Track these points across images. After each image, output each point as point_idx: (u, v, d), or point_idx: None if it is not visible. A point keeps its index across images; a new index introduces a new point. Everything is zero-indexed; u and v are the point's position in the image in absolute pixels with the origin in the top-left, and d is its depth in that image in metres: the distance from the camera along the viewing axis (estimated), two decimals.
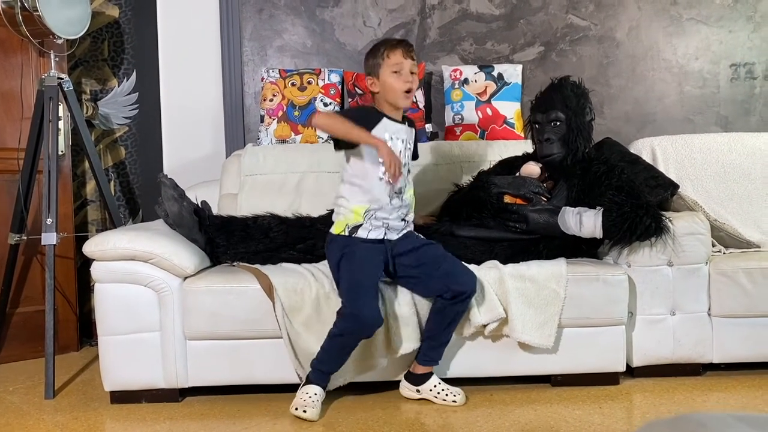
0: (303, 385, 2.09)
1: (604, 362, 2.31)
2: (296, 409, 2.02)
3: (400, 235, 2.18)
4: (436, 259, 2.16)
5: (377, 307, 2.05)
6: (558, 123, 2.45)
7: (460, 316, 2.16)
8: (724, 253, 2.51)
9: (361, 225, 2.12)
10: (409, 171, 2.23)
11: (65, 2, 2.67)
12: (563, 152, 2.45)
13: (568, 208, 2.37)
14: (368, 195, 2.12)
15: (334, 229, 2.16)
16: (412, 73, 2.14)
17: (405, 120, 2.23)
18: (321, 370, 2.09)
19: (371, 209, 2.12)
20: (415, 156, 2.32)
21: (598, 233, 2.30)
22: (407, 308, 2.16)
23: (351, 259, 2.08)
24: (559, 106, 2.45)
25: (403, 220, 2.20)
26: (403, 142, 2.18)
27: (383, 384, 2.26)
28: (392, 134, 2.14)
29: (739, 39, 3.24)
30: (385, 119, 2.14)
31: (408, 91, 2.13)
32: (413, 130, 2.26)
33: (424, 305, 2.18)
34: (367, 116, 2.12)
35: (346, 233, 2.13)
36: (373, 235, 2.13)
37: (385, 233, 2.14)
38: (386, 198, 2.13)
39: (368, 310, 2.01)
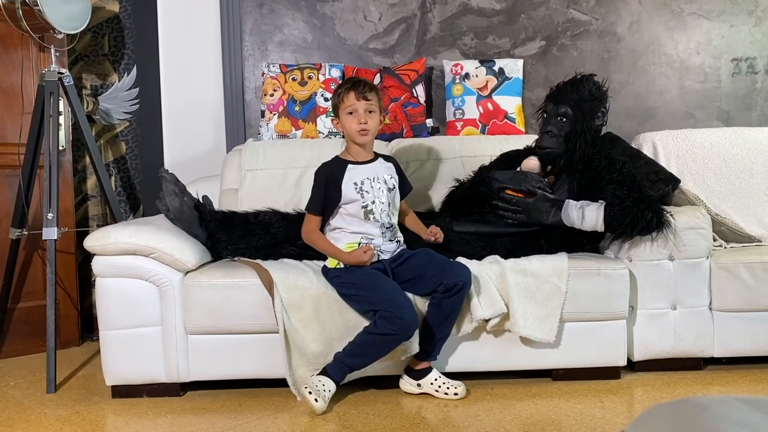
0: (321, 373, 2.09)
1: (605, 356, 2.32)
2: (310, 392, 2.02)
3: (394, 254, 2.24)
4: (427, 258, 2.20)
5: (414, 308, 2.08)
6: (564, 119, 2.44)
7: (458, 310, 2.16)
8: (725, 248, 2.51)
9: None
10: (393, 201, 2.29)
11: None
12: (561, 149, 2.44)
13: (571, 201, 2.37)
14: (358, 234, 2.20)
15: (329, 263, 2.21)
16: (370, 112, 2.22)
17: (377, 156, 2.31)
18: (346, 363, 2.09)
19: (362, 241, 2.19)
20: (406, 189, 2.37)
21: (600, 227, 2.30)
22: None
23: (363, 281, 2.10)
24: (570, 102, 2.43)
25: (395, 241, 2.26)
26: (379, 180, 2.24)
27: (384, 378, 2.26)
28: (364, 178, 2.21)
29: (740, 33, 3.23)
30: (349, 167, 2.23)
31: (362, 131, 2.21)
32: (391, 164, 2.33)
33: (425, 307, 2.19)
34: (326, 183, 2.22)
35: (341, 266, 2.18)
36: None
37: (379, 256, 2.21)
38: (377, 232, 2.21)
39: (409, 312, 2.04)
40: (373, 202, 2.21)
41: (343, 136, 2.35)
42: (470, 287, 2.16)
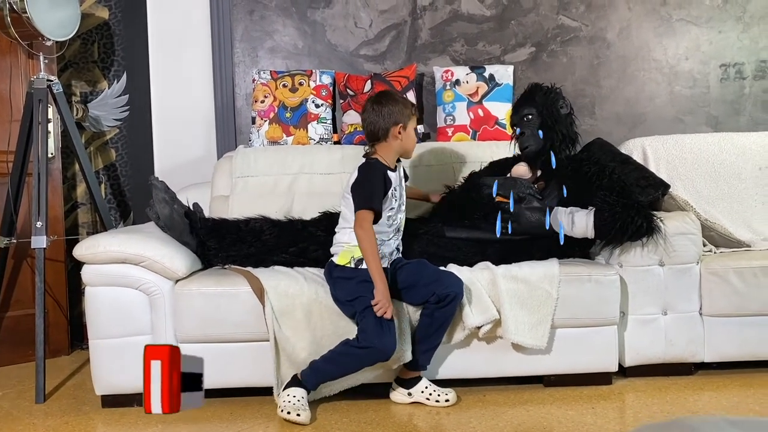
0: (286, 387, 2.08)
1: (596, 362, 2.32)
2: (288, 413, 2.01)
3: (392, 259, 2.25)
4: (420, 268, 2.20)
5: (395, 336, 2.07)
6: (530, 116, 2.50)
7: (449, 320, 2.16)
8: (714, 253, 2.52)
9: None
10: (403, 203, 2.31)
11: (54, 4, 2.65)
12: (540, 143, 2.47)
13: (560, 207, 2.38)
14: (376, 230, 2.16)
15: (339, 260, 2.18)
16: None
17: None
18: (321, 370, 2.08)
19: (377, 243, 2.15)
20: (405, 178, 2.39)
21: (590, 233, 2.31)
22: (405, 324, 2.16)
23: (369, 295, 2.06)
24: (528, 103, 2.52)
25: (397, 247, 2.27)
26: (401, 186, 2.28)
27: (375, 386, 2.25)
28: (396, 185, 2.23)
29: (728, 39, 3.25)
30: (389, 174, 2.21)
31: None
32: (401, 166, 2.34)
33: (417, 316, 2.18)
34: (383, 186, 2.17)
35: (352, 265, 2.15)
36: None
37: (387, 263, 2.21)
38: (391, 235, 2.22)
39: (392, 344, 2.04)
40: (395, 208, 2.22)
41: (372, 146, 2.24)
42: (462, 298, 2.16)
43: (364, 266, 2.12)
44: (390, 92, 2.34)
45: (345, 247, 2.17)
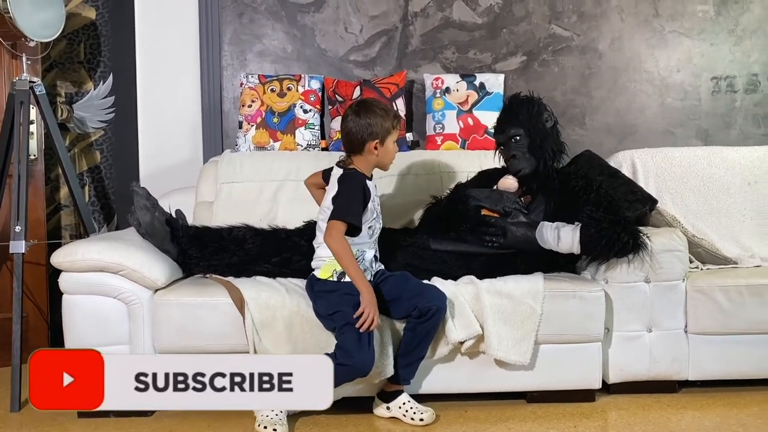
0: None
1: (580, 379, 2.30)
2: (265, 427, 1.98)
3: (374, 272, 2.21)
4: (403, 281, 2.17)
5: (374, 351, 2.03)
6: (518, 138, 2.46)
7: (432, 334, 2.14)
8: (701, 269, 2.51)
9: None
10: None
11: (38, 5, 2.61)
12: (533, 163, 2.45)
13: (546, 222, 2.36)
14: (355, 247, 2.12)
15: (321, 274, 2.13)
16: None
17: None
18: None
19: (357, 255, 2.12)
20: None
21: (576, 249, 2.29)
22: (387, 338, 2.13)
23: (349, 309, 2.03)
24: (513, 121, 2.47)
25: (375, 257, 2.23)
26: (377, 196, 2.23)
27: (357, 400, 2.22)
28: (374, 195, 2.18)
29: (720, 52, 3.24)
30: (368, 184, 2.16)
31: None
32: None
33: (401, 329, 2.16)
34: (362, 199, 2.12)
35: (335, 278, 2.11)
36: None
37: (370, 275, 2.17)
38: (371, 245, 2.18)
39: (370, 360, 2.00)
40: (375, 218, 2.18)
41: (348, 156, 2.19)
42: (445, 312, 2.13)
43: (346, 279, 2.09)
44: (371, 102, 2.21)
45: (327, 261, 2.13)
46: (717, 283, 2.35)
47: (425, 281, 2.25)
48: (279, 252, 2.39)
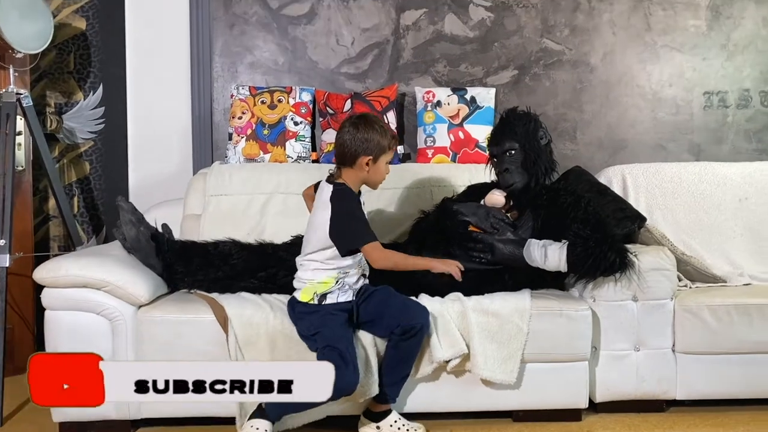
0: (251, 417, 2.03)
1: (566, 398, 2.29)
2: None
3: (358, 289, 2.18)
4: (386, 297, 2.15)
5: (358, 370, 2.01)
6: (513, 152, 2.44)
7: (416, 352, 2.12)
8: (690, 288, 2.49)
9: (330, 292, 2.10)
10: None
11: (26, 16, 2.60)
12: (525, 179, 2.43)
13: (533, 240, 2.34)
14: (338, 270, 2.11)
15: (301, 296, 2.11)
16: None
17: None
18: (282, 403, 2.02)
19: (340, 277, 2.11)
20: None
21: (563, 267, 2.27)
22: (372, 356, 2.12)
23: (330, 329, 2.02)
24: (509, 135, 2.45)
25: (363, 275, 2.20)
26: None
27: (343, 418, 2.20)
28: (365, 213, 2.17)
29: (712, 67, 3.23)
30: (360, 200, 2.16)
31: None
32: None
33: (384, 347, 2.14)
34: (364, 213, 2.14)
35: (315, 301, 2.09)
36: (342, 299, 2.11)
37: (352, 295, 2.14)
38: (354, 266, 2.14)
39: (353, 380, 1.98)
40: None
41: (339, 168, 2.16)
42: (429, 329, 2.12)
43: (328, 301, 2.08)
44: (371, 118, 2.17)
45: (307, 284, 2.11)
46: (705, 302, 2.33)
47: (411, 297, 2.24)
48: (265, 267, 2.38)
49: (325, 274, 2.10)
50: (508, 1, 3.19)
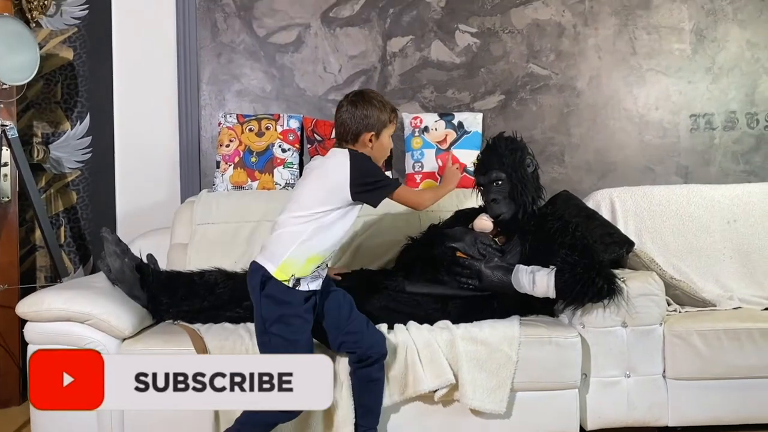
0: None
1: (557, 426, 2.26)
2: None
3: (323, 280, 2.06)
4: (346, 312, 2.05)
5: None
6: (500, 182, 2.44)
7: (376, 379, 2.07)
8: (679, 312, 2.48)
9: (304, 277, 1.97)
10: None
11: (12, 48, 2.61)
12: (512, 209, 2.43)
13: (521, 266, 2.33)
14: (330, 246, 1.98)
15: (277, 274, 1.92)
16: None
17: None
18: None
19: (324, 261, 2.00)
20: None
21: (551, 293, 2.26)
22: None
23: (292, 326, 1.93)
24: (496, 165, 2.44)
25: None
26: None
27: None
28: None
29: (698, 90, 3.25)
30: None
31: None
32: None
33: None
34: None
35: (290, 284, 1.93)
36: (313, 286, 1.98)
37: (320, 283, 2.02)
38: (335, 251, 2.05)
39: None
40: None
41: (340, 145, 2.08)
42: (386, 357, 2.07)
43: (302, 288, 1.94)
44: (369, 93, 2.09)
45: (284, 259, 1.92)
46: (694, 327, 2.32)
47: (399, 324, 2.22)
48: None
49: (320, 249, 1.96)
50: (494, 27, 3.21)
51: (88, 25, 3.17)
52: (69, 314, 2.11)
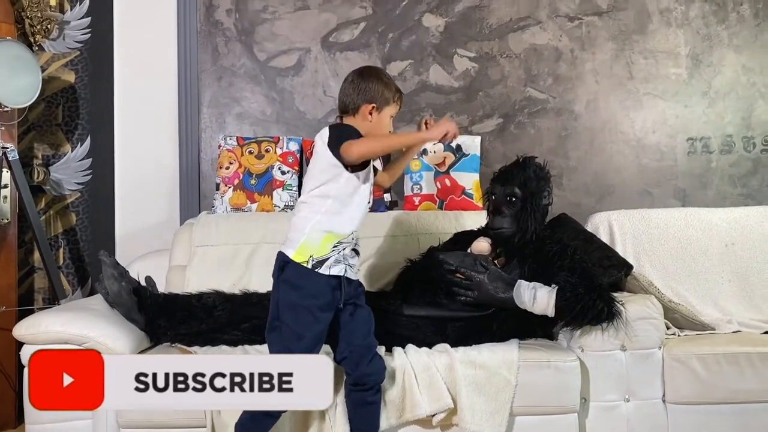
0: None
1: None
2: None
3: (357, 276, 2.04)
4: (361, 330, 2.03)
5: None
6: (514, 199, 2.43)
7: (372, 404, 2.05)
8: (678, 335, 2.47)
9: (326, 259, 1.93)
10: None
11: (15, 72, 2.63)
12: (513, 229, 2.42)
13: (523, 281, 2.32)
14: (344, 224, 1.96)
15: (296, 256, 1.92)
16: None
17: None
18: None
19: (342, 243, 1.95)
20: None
21: (550, 311, 2.25)
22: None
23: (300, 318, 1.90)
24: (518, 183, 2.43)
25: (354, 249, 2.03)
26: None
27: None
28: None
29: (694, 114, 3.28)
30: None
31: None
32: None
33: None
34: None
35: (309, 266, 1.91)
36: (335, 271, 1.94)
37: (346, 270, 1.97)
38: (357, 225, 1.99)
39: None
40: (368, 194, 2.02)
41: (341, 118, 2.08)
42: (381, 384, 2.05)
43: (322, 271, 1.91)
44: (377, 69, 2.13)
45: (301, 242, 1.93)
46: (694, 351, 2.31)
47: (398, 347, 2.22)
48: (249, 317, 2.35)
49: (331, 224, 1.94)
50: (492, 52, 3.25)
51: (90, 49, 3.21)
52: (66, 337, 2.11)
